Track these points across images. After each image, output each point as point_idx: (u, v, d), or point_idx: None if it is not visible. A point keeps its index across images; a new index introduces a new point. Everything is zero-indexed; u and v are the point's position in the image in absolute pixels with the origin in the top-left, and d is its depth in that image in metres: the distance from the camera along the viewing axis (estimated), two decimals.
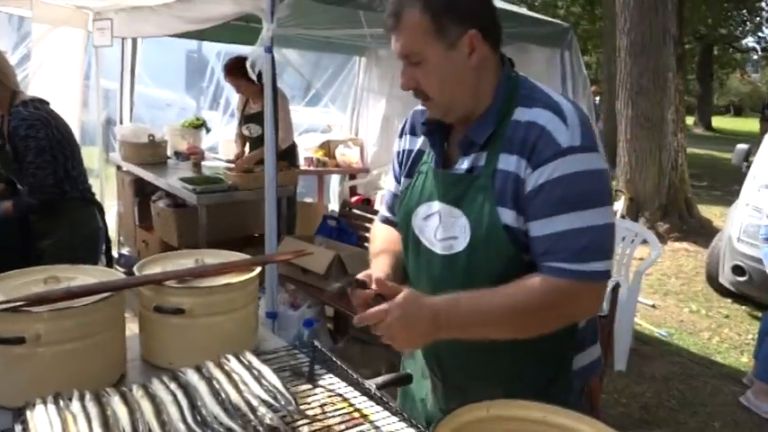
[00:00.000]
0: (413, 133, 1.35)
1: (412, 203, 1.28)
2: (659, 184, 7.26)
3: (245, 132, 4.72)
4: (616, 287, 2.45)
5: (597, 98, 10.25)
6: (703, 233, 7.10)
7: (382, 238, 1.45)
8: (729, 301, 5.13)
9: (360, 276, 1.21)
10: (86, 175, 2.57)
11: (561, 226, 1.09)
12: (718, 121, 26.23)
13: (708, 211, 8.30)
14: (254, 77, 3.12)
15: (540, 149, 1.10)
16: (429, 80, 1.16)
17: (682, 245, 6.85)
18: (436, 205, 1.23)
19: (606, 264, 1.11)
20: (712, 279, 5.31)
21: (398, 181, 1.40)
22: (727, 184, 11.41)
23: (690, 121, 15.54)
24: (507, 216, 1.14)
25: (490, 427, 0.98)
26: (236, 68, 4.19)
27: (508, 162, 1.14)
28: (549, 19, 4.61)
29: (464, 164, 1.20)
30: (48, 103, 2.43)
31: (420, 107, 1.35)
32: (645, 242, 4.03)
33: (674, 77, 7.52)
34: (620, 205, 7.27)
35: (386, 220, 1.47)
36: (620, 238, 3.95)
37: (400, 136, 1.39)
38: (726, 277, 4.94)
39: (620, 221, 5.52)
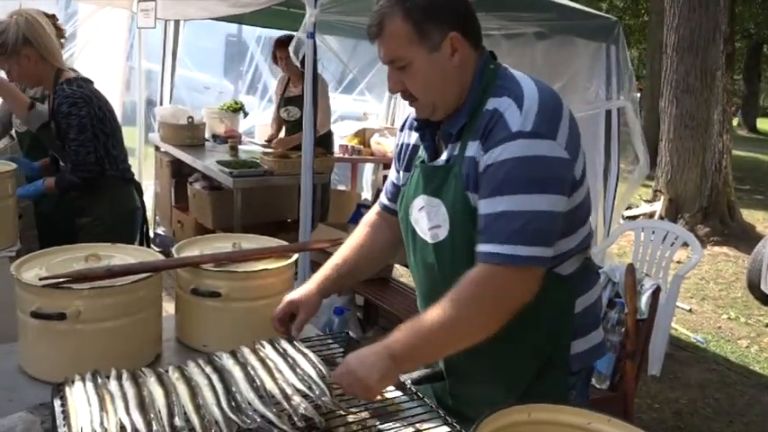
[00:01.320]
0: (411, 128, 1.38)
1: (409, 197, 1.32)
2: (701, 186, 7.05)
3: (284, 115, 4.72)
4: (656, 291, 2.39)
5: (638, 95, 10.01)
6: (745, 238, 6.88)
7: (353, 240, 1.51)
8: None
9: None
10: (127, 155, 2.58)
11: (498, 207, 1.11)
12: (763, 123, 25.41)
13: (750, 216, 8.05)
14: (296, 62, 3.11)
15: (493, 133, 1.14)
16: (414, 83, 1.20)
17: (722, 249, 6.65)
18: (423, 197, 1.27)
19: (539, 250, 1.11)
20: (753, 286, 5.14)
21: (398, 172, 1.45)
22: None
23: (734, 121, 15.10)
24: (474, 200, 1.17)
25: (530, 431, 0.95)
26: (289, 43, 4.19)
27: (472, 148, 1.18)
28: (597, 12, 4.48)
29: (444, 155, 1.25)
30: (92, 83, 2.45)
31: None
32: (684, 245, 3.91)
33: (722, 76, 7.29)
34: (659, 206, 7.10)
35: (384, 207, 1.51)
36: (660, 239, 3.85)
37: (401, 130, 1.44)
38: None
39: (659, 223, 5.39)
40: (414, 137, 1.37)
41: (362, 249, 1.48)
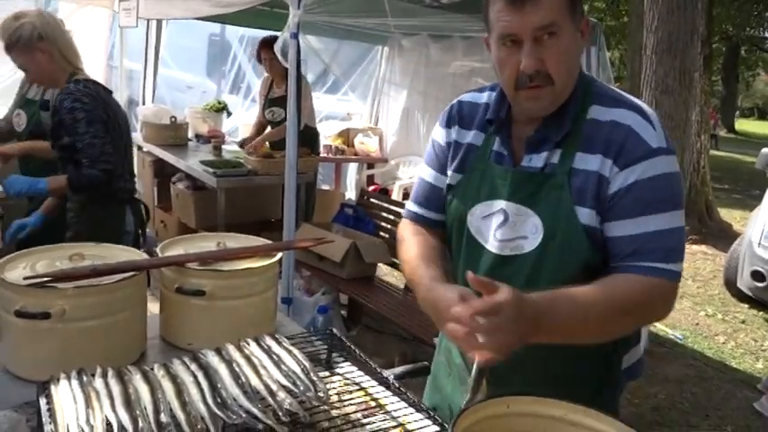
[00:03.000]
0: (462, 125, 1.28)
1: (467, 202, 1.23)
2: None
3: (268, 116, 4.72)
4: None
5: None
6: (722, 237, 7.01)
7: (421, 244, 1.29)
8: (746, 306, 5.07)
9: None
10: (131, 174, 2.39)
11: (652, 226, 1.09)
12: (741, 124, 25.84)
13: (728, 215, 8.19)
14: (285, 63, 3.12)
15: (630, 149, 1.09)
16: (559, 58, 1.08)
17: (700, 248, 6.77)
18: (500, 204, 1.18)
19: (682, 265, 1.12)
20: (730, 283, 5.24)
21: (440, 171, 1.31)
22: (748, 187, 11.26)
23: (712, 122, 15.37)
24: (585, 216, 1.12)
25: (510, 423, 0.97)
26: (274, 43, 4.19)
27: (588, 161, 1.12)
28: None
29: (535, 161, 1.16)
30: (107, 90, 2.32)
31: (466, 97, 1.31)
32: None
33: (700, 78, 7.41)
34: None
35: (415, 217, 1.35)
36: None
37: (447, 126, 1.30)
38: (744, 282, 4.88)
39: None
40: (467, 135, 1.26)
41: (435, 250, 1.28)
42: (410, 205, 1.38)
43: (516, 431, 0.98)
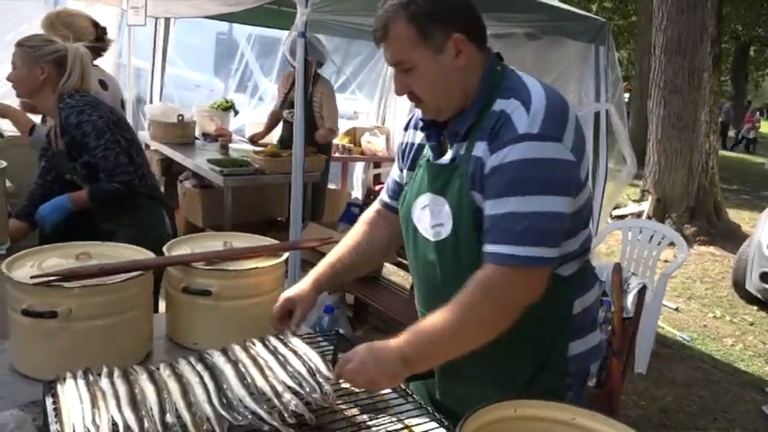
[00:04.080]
0: (416, 128, 1.39)
1: (412, 195, 1.33)
2: (688, 186, 7.12)
3: (288, 117, 4.72)
4: (643, 290, 2.41)
5: (626, 95, 10.08)
6: (731, 238, 6.96)
7: (350, 238, 1.51)
8: (755, 308, 5.03)
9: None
10: (150, 170, 2.35)
11: (504, 208, 1.13)
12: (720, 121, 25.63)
13: (737, 216, 8.14)
14: (292, 62, 3.12)
15: (500, 134, 1.15)
16: (420, 85, 1.21)
17: (708, 249, 6.73)
18: (428, 195, 1.28)
19: (544, 250, 1.12)
20: (738, 285, 5.21)
21: (401, 171, 1.45)
22: (757, 188, 11.19)
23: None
24: (478, 199, 1.19)
25: (516, 427, 0.97)
26: None
27: (478, 149, 1.19)
28: (586, 13, 4.52)
29: (449, 154, 1.26)
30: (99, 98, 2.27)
31: None
32: (671, 244, 3.96)
33: (709, 78, 7.36)
34: (646, 206, 7.16)
35: (384, 204, 1.52)
36: (647, 238, 3.89)
37: (405, 129, 1.44)
38: (753, 284, 4.84)
39: (647, 222, 5.44)
40: (419, 136, 1.37)
41: (359, 247, 1.49)
42: (382, 194, 1.53)
43: None
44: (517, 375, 1.28)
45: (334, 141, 5.68)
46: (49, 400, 1.07)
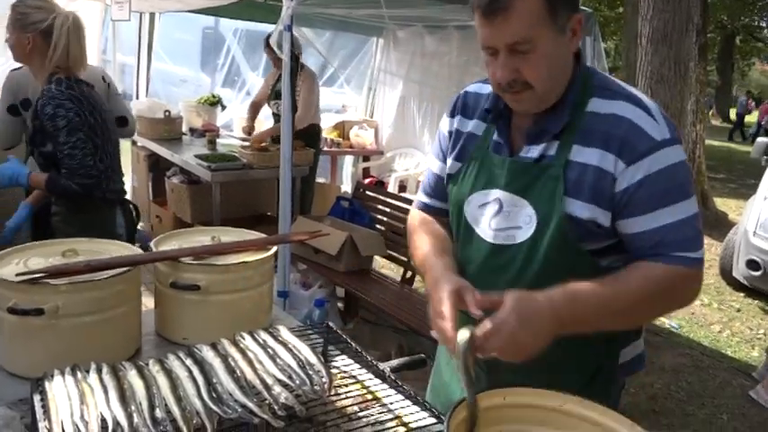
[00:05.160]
0: (464, 114, 1.29)
1: (465, 190, 1.24)
2: None
3: (273, 108, 4.70)
4: None
5: None
6: (718, 226, 7.03)
7: (428, 232, 1.33)
8: (742, 295, 5.09)
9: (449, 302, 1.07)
10: (119, 174, 2.29)
11: (668, 219, 1.09)
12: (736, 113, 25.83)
13: (723, 204, 8.21)
14: (280, 54, 3.10)
15: (634, 144, 1.08)
16: (537, 69, 1.08)
17: None
18: (496, 193, 1.19)
19: (703, 251, 1.13)
20: (725, 272, 5.26)
21: (444, 161, 1.34)
22: (743, 176, 11.29)
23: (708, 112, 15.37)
24: (578, 208, 1.11)
25: (506, 414, 0.97)
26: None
27: (585, 154, 1.11)
28: None
29: (532, 152, 1.16)
30: (90, 86, 2.21)
31: (471, 87, 1.32)
32: None
33: (695, 67, 7.40)
34: None
35: (425, 207, 1.40)
36: None
37: (451, 115, 1.32)
38: (739, 271, 4.89)
39: None
40: (468, 124, 1.28)
41: (443, 239, 1.30)
42: (419, 195, 1.42)
43: (513, 422, 0.98)
44: (572, 381, 1.11)
45: (323, 135, 5.67)
46: (36, 398, 1.06)
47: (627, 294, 1.08)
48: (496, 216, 1.19)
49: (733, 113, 24.97)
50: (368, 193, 4.34)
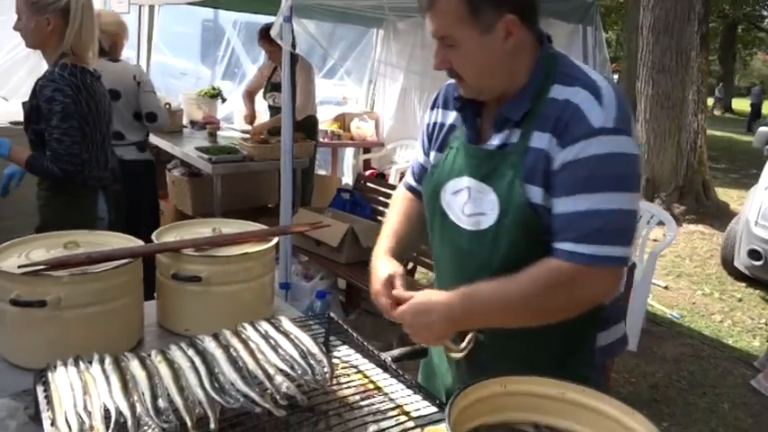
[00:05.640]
0: (445, 107, 1.33)
1: (441, 178, 1.27)
2: (677, 166, 7.16)
3: (269, 101, 4.69)
4: (632, 267, 2.44)
5: (615, 76, 10.09)
6: (719, 216, 7.02)
7: (398, 210, 1.46)
8: (743, 284, 5.09)
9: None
10: (105, 162, 2.34)
11: (581, 206, 1.08)
12: (738, 103, 25.76)
13: (725, 194, 8.20)
14: (282, 44, 3.10)
15: (572, 128, 1.09)
16: (463, 64, 1.15)
17: (697, 227, 6.78)
18: (466, 180, 1.22)
19: (622, 250, 1.09)
20: (727, 262, 5.26)
21: (426, 153, 1.38)
22: (745, 166, 11.26)
23: (709, 102, 15.26)
24: (535, 194, 1.13)
25: (506, 402, 0.98)
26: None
27: (541, 140, 1.12)
28: None
29: (496, 140, 1.19)
30: (94, 76, 2.25)
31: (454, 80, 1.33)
32: (660, 223, 3.99)
33: (696, 56, 7.37)
34: None
35: (410, 188, 1.47)
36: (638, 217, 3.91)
37: (432, 108, 1.36)
38: (741, 261, 4.89)
39: None
40: (450, 116, 1.31)
41: (412, 217, 1.42)
42: (407, 176, 1.49)
43: (513, 410, 0.98)
44: (543, 364, 1.17)
45: (323, 127, 5.66)
46: (40, 389, 1.07)
47: (521, 291, 1.10)
48: (467, 203, 1.22)
49: (737, 103, 24.87)
50: (369, 184, 4.34)
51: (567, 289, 1.09)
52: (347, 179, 5.98)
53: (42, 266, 1.29)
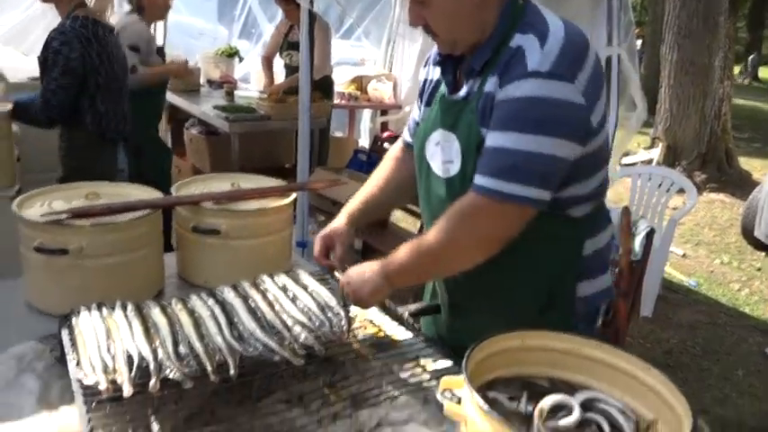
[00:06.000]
0: (435, 62, 1.35)
1: (426, 131, 1.31)
2: (700, 133, 7.01)
3: (285, 60, 4.64)
4: (651, 233, 2.41)
5: (639, 41, 9.83)
6: (741, 185, 6.89)
7: (378, 174, 1.53)
8: (762, 254, 5.02)
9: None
10: (123, 115, 2.38)
11: (499, 142, 1.11)
12: (764, 71, 25.04)
13: (747, 163, 8.03)
14: (306, 5, 3.05)
15: (510, 69, 1.12)
16: (434, 19, 1.18)
17: (718, 196, 6.68)
18: (440, 132, 1.26)
19: (530, 191, 1.10)
20: (747, 232, 5.19)
21: (420, 108, 1.43)
22: None
23: (735, 70, 14.84)
24: (488, 138, 1.15)
25: (523, 357, 0.98)
26: None
27: (491, 83, 1.16)
28: None
29: (463, 90, 1.23)
30: (107, 29, 2.28)
31: None
32: (680, 191, 3.93)
33: (725, 22, 7.13)
34: (656, 153, 7.08)
35: (406, 144, 1.51)
36: (656, 185, 3.86)
37: (425, 66, 1.41)
38: (761, 231, 4.82)
39: (656, 169, 5.38)
40: (437, 72, 1.34)
41: (389, 182, 1.50)
42: (404, 133, 1.53)
43: (529, 365, 0.99)
44: (523, 312, 1.27)
45: (340, 89, 5.60)
46: (65, 332, 1.09)
47: (437, 227, 1.15)
48: (441, 152, 1.26)
49: (763, 72, 24.18)
50: (385, 146, 4.31)
51: (473, 221, 1.14)
52: (364, 142, 5.95)
53: (64, 215, 1.31)
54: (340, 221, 1.47)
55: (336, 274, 1.38)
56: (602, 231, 1.31)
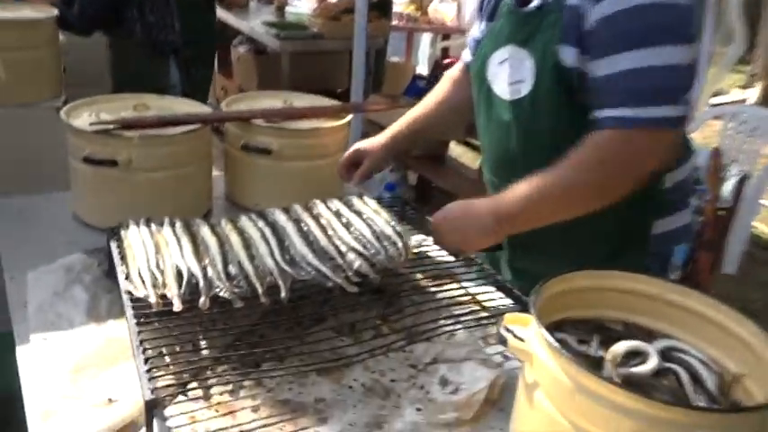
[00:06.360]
0: None
1: (489, 49, 1.26)
2: None
3: None
4: (743, 178, 2.31)
5: None
6: None
7: (433, 96, 1.50)
8: None
9: None
10: (170, 25, 2.44)
11: (622, 65, 1.04)
12: None
13: None
14: None
15: None
16: None
17: None
18: (509, 48, 1.21)
19: (672, 109, 1.04)
20: None
21: (480, 24, 1.38)
22: None
23: None
24: (570, 55, 1.09)
25: (597, 298, 0.96)
26: None
27: None
28: None
29: (536, 1, 1.16)
30: None
31: None
32: None
33: None
34: (753, 93, 6.69)
35: (467, 66, 1.45)
36: (752, 128, 3.66)
37: None
38: None
39: (751, 109, 5.10)
40: None
41: (442, 105, 1.46)
42: (464, 54, 1.48)
43: (603, 307, 0.97)
44: (595, 252, 1.23)
45: (398, 9, 5.45)
46: (113, 245, 1.13)
47: (566, 177, 1.08)
48: (509, 70, 1.21)
49: None
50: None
51: (616, 161, 1.07)
52: (422, 69, 5.83)
53: (114, 126, 1.34)
54: (380, 139, 1.45)
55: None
56: (685, 163, 1.26)
